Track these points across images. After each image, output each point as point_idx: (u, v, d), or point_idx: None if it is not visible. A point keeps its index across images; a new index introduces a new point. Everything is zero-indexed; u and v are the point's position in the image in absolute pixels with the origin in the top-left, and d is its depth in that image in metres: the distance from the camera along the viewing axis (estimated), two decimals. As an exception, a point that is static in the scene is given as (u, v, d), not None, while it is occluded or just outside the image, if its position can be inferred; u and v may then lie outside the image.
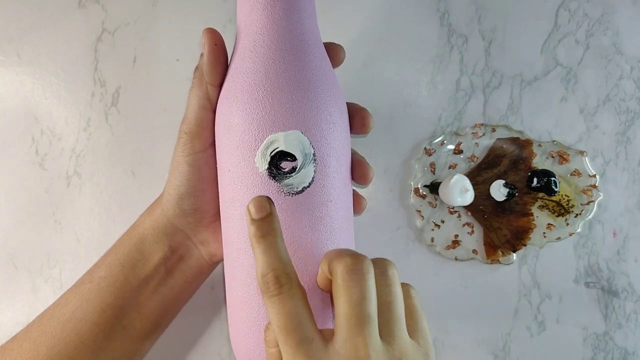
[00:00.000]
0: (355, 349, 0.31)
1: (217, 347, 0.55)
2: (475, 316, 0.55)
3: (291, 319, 0.33)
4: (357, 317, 0.32)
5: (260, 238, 0.34)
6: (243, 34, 0.38)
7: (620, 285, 0.56)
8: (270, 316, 0.33)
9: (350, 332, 0.32)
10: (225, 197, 0.38)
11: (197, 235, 0.43)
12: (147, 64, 0.56)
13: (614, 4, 0.57)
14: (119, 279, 0.43)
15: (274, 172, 0.36)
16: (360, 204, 0.44)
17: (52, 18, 0.56)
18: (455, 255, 0.55)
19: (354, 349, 0.31)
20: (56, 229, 0.56)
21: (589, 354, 0.55)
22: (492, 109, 0.56)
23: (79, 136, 0.56)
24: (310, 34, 0.38)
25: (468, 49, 0.57)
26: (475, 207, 0.55)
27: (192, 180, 0.41)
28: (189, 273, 0.44)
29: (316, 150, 0.37)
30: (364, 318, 0.32)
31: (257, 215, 0.35)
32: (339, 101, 0.39)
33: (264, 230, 0.35)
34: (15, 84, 0.56)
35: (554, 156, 0.55)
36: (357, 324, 0.32)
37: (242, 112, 0.36)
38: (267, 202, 0.35)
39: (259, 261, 0.34)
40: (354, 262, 0.32)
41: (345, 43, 0.43)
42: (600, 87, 0.57)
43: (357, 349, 0.31)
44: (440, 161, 0.55)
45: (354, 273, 0.32)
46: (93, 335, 0.42)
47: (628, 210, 0.56)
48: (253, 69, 0.37)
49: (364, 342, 0.31)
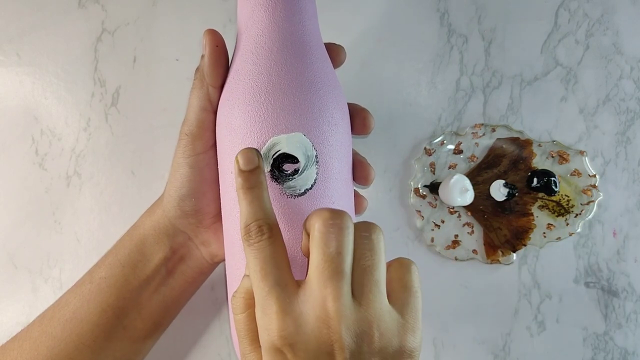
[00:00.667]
0: (323, 300, 0.31)
1: (217, 347, 0.55)
2: (475, 316, 0.55)
3: (268, 263, 0.33)
4: (329, 271, 0.32)
5: (247, 189, 0.35)
6: (244, 35, 0.38)
7: (620, 285, 0.56)
8: (248, 262, 0.34)
9: (321, 282, 0.32)
10: (227, 199, 0.38)
11: (198, 236, 0.43)
12: (147, 64, 0.56)
13: (614, 4, 0.57)
14: (120, 280, 0.43)
15: (277, 174, 0.37)
16: (361, 204, 0.44)
17: (52, 18, 0.56)
18: (455, 255, 0.55)
19: (322, 299, 0.32)
20: (56, 229, 0.56)
21: (589, 354, 0.55)
22: (492, 109, 0.56)
23: (79, 136, 0.56)
24: (312, 35, 0.38)
25: (468, 49, 0.57)
26: (475, 207, 0.55)
27: (193, 181, 0.41)
28: (190, 273, 0.45)
29: (318, 152, 0.37)
30: (337, 272, 0.32)
31: (246, 167, 0.35)
32: (340, 102, 0.39)
33: (251, 182, 0.35)
34: (15, 84, 0.56)
35: (554, 156, 0.55)
36: (328, 276, 0.32)
37: (244, 114, 0.36)
38: (256, 156, 0.36)
39: (244, 211, 0.35)
40: (332, 216, 0.32)
41: (345, 43, 0.43)
42: (600, 87, 0.57)
43: (324, 299, 0.31)
44: (440, 161, 0.55)
45: (332, 226, 0.32)
46: (94, 336, 0.42)
47: (628, 210, 0.56)
48: (255, 71, 0.37)
49: (332, 295, 0.31)
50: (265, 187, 0.36)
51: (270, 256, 0.34)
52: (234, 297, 0.36)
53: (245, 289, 0.35)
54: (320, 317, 0.31)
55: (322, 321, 0.31)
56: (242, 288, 0.36)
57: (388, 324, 0.33)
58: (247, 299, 0.35)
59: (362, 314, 0.32)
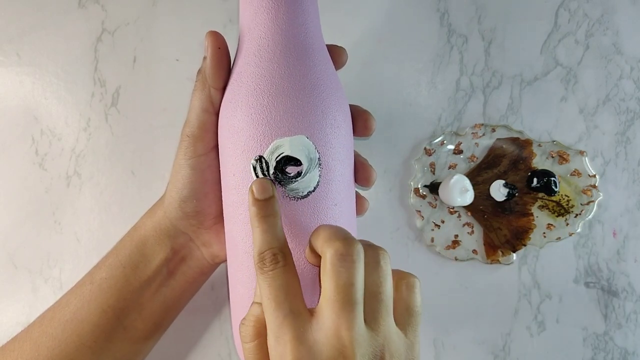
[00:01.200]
0: (337, 329, 0.32)
1: (217, 347, 0.55)
2: (475, 316, 0.56)
3: (282, 291, 0.34)
4: (341, 302, 0.32)
5: (262, 218, 0.36)
6: (246, 37, 0.38)
7: (620, 285, 0.56)
8: (261, 290, 0.34)
9: (334, 313, 0.32)
10: (230, 201, 0.38)
11: (200, 237, 0.43)
12: (147, 64, 0.56)
13: (614, 4, 0.57)
14: (121, 280, 0.43)
15: (279, 177, 0.36)
16: (362, 206, 0.44)
17: (52, 18, 0.56)
18: (455, 255, 0.55)
19: (336, 329, 0.32)
20: (56, 229, 0.56)
21: (589, 354, 0.55)
22: (492, 109, 0.56)
23: (79, 136, 0.56)
24: (314, 37, 0.38)
25: (468, 49, 0.57)
26: (475, 207, 0.55)
27: (195, 183, 0.41)
28: (191, 274, 0.45)
29: (321, 155, 0.37)
30: (350, 302, 0.32)
31: (260, 196, 0.36)
32: (343, 105, 0.39)
33: (266, 211, 0.36)
34: (15, 84, 0.56)
35: (553, 156, 0.55)
36: (342, 307, 0.32)
37: (247, 117, 0.36)
38: (270, 185, 0.36)
39: (258, 239, 0.36)
40: (344, 248, 0.33)
41: (345, 43, 0.43)
42: (600, 87, 0.57)
43: (339, 329, 0.32)
44: (440, 161, 0.55)
45: (344, 259, 0.33)
46: (94, 337, 0.42)
47: (628, 210, 0.56)
48: (258, 74, 0.37)
49: (347, 325, 0.32)
50: (279, 216, 0.36)
51: (285, 284, 0.34)
52: (243, 325, 0.36)
53: (255, 316, 0.36)
54: (335, 346, 0.32)
55: (337, 350, 0.32)
56: (251, 316, 0.36)
57: (397, 345, 0.34)
58: (257, 327, 0.35)
59: (374, 339, 0.33)
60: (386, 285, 0.34)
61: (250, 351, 0.35)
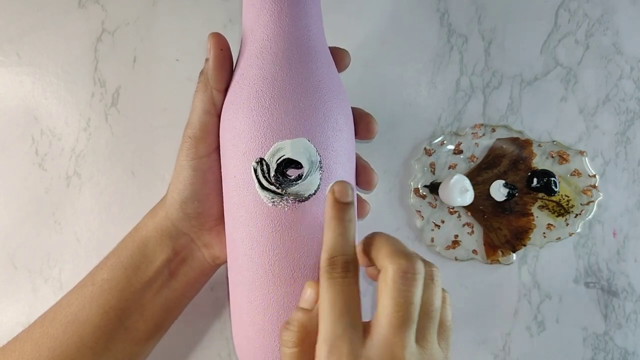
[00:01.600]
0: (392, 348, 0.32)
1: (217, 348, 0.55)
2: (475, 316, 0.56)
3: (347, 303, 0.33)
4: (400, 320, 0.32)
5: (340, 220, 0.35)
6: (249, 39, 0.38)
7: (620, 286, 0.56)
8: (325, 296, 0.34)
9: (391, 331, 0.32)
10: (231, 202, 0.38)
11: (201, 238, 0.43)
12: (147, 64, 0.56)
13: (614, 4, 0.57)
14: (122, 281, 0.43)
15: (280, 180, 0.36)
16: (363, 209, 0.44)
17: (52, 18, 0.56)
18: (455, 255, 0.55)
19: (391, 347, 0.32)
20: (56, 229, 0.56)
21: (589, 354, 0.55)
22: (492, 109, 0.56)
23: (79, 136, 0.56)
24: (317, 39, 0.38)
25: (468, 49, 0.57)
26: (475, 207, 0.55)
27: (196, 184, 0.40)
28: (192, 275, 0.44)
29: (322, 158, 0.37)
30: (407, 321, 0.32)
31: (342, 199, 0.35)
32: (345, 107, 0.39)
33: (344, 214, 0.35)
34: (15, 84, 0.56)
35: (553, 156, 0.55)
36: (399, 325, 0.32)
37: (249, 119, 0.36)
38: (352, 190, 0.36)
39: (331, 242, 0.35)
40: (407, 265, 0.33)
41: (345, 44, 0.43)
42: (600, 87, 0.57)
43: (393, 348, 0.32)
44: (440, 161, 0.55)
45: (407, 278, 0.33)
46: (95, 337, 0.42)
47: (628, 210, 0.56)
48: (260, 76, 0.37)
49: (402, 344, 0.32)
50: (355, 225, 0.36)
51: (352, 295, 0.34)
52: (287, 330, 0.35)
53: (300, 323, 0.35)
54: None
55: None
56: (296, 321, 0.35)
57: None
58: (302, 333, 0.34)
59: (422, 356, 0.33)
60: (438, 303, 0.35)
61: (291, 357, 0.35)
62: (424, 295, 0.34)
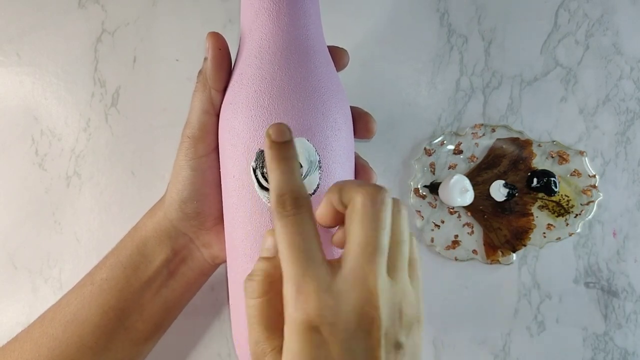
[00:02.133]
0: (365, 277, 0.31)
1: (217, 347, 0.55)
2: (475, 316, 0.56)
3: (305, 240, 0.32)
4: (372, 247, 0.31)
5: (280, 159, 0.34)
6: (247, 39, 0.38)
7: (620, 286, 0.56)
8: (280, 237, 0.32)
9: (363, 259, 0.31)
10: (229, 202, 0.38)
11: (200, 238, 0.43)
12: (147, 64, 0.56)
13: (614, 4, 0.57)
14: (121, 281, 0.43)
15: None
16: None
17: (52, 18, 0.56)
18: (455, 255, 0.55)
19: (363, 277, 0.31)
20: (56, 229, 0.56)
21: (589, 354, 0.55)
22: (491, 109, 0.56)
23: (79, 136, 0.56)
24: (316, 39, 0.38)
25: (468, 49, 0.57)
26: (475, 207, 0.55)
27: (195, 184, 0.40)
28: (191, 275, 0.44)
29: (321, 158, 0.37)
30: (379, 249, 0.31)
31: (279, 138, 0.34)
32: (343, 107, 0.39)
33: (284, 153, 0.34)
34: (15, 84, 0.56)
35: (553, 156, 0.55)
36: (371, 252, 0.31)
37: (248, 119, 0.36)
38: (288, 130, 0.34)
39: (277, 181, 0.33)
40: (376, 191, 0.32)
41: (345, 43, 0.43)
42: (600, 87, 0.57)
43: (366, 277, 0.31)
44: (440, 161, 0.55)
45: (376, 203, 0.31)
46: (95, 337, 0.42)
47: (628, 210, 0.56)
48: (258, 76, 0.37)
49: (374, 272, 0.31)
50: (298, 162, 0.34)
51: (308, 230, 0.32)
52: (249, 280, 0.34)
53: (263, 271, 0.33)
54: (361, 294, 0.31)
55: (363, 299, 0.31)
56: (259, 270, 0.33)
57: (410, 297, 0.33)
58: (266, 282, 0.33)
59: (395, 288, 0.32)
60: (407, 234, 0.34)
61: (256, 308, 0.33)
62: (393, 225, 0.33)
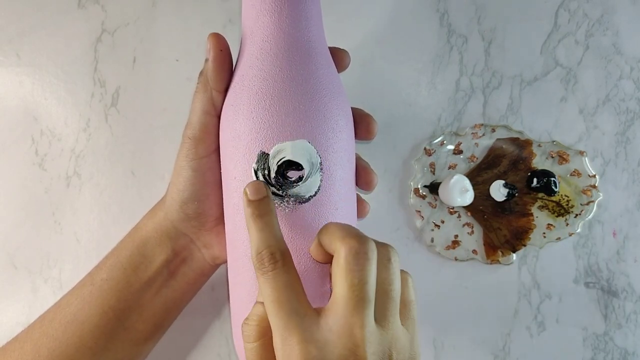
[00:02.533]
0: (350, 328, 0.32)
1: (217, 348, 0.55)
2: (475, 316, 0.56)
3: (284, 292, 0.33)
4: (355, 300, 0.32)
5: (257, 217, 0.35)
6: (249, 40, 0.38)
7: (620, 286, 0.56)
8: (263, 292, 0.34)
9: (348, 311, 0.32)
10: (230, 203, 0.38)
11: (201, 238, 0.43)
12: (146, 64, 0.56)
13: (614, 4, 0.57)
14: (121, 281, 0.43)
15: (281, 181, 0.36)
16: (363, 209, 0.44)
17: (52, 18, 0.56)
18: (455, 255, 0.55)
19: (349, 328, 0.32)
20: (56, 230, 0.56)
21: (589, 354, 0.55)
22: (491, 109, 0.56)
23: (79, 137, 0.56)
24: (317, 40, 0.38)
25: (468, 50, 0.57)
26: (475, 208, 0.55)
27: (196, 185, 0.40)
28: (191, 275, 0.44)
29: (323, 159, 0.37)
30: (363, 300, 0.32)
31: (254, 197, 0.35)
32: (345, 108, 0.39)
33: (261, 210, 0.35)
34: (15, 84, 0.56)
35: (553, 156, 0.55)
36: (355, 306, 0.32)
37: (249, 121, 0.36)
38: (264, 187, 0.36)
39: (255, 239, 0.35)
40: (359, 245, 0.33)
41: (344, 44, 0.43)
42: (599, 88, 0.57)
43: (351, 328, 0.32)
44: (440, 161, 0.55)
45: (359, 257, 0.32)
46: (95, 338, 0.42)
47: (628, 210, 0.56)
48: (260, 77, 0.36)
49: (360, 323, 0.32)
50: (275, 215, 0.36)
51: (286, 284, 0.34)
52: (246, 325, 0.35)
53: (258, 316, 0.35)
54: (347, 345, 0.32)
55: (349, 349, 0.32)
56: (254, 315, 0.35)
57: (402, 341, 0.34)
58: (262, 326, 0.35)
59: (384, 337, 0.33)
60: (396, 283, 0.35)
61: (253, 351, 0.35)
62: (380, 276, 0.34)
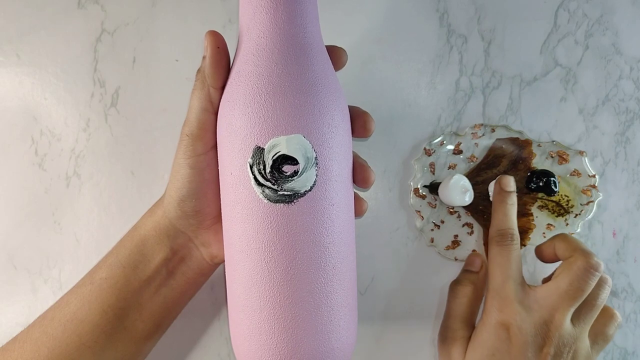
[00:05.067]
0: (554, 308, 0.44)
1: (217, 348, 0.55)
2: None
3: (512, 262, 0.47)
4: (570, 296, 0.44)
5: (504, 204, 0.49)
6: (245, 37, 0.38)
7: (620, 286, 0.56)
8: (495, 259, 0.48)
9: (559, 297, 0.44)
10: (227, 200, 0.38)
11: (199, 236, 0.43)
12: (146, 64, 0.56)
13: (614, 5, 0.57)
14: (120, 280, 0.43)
15: (276, 176, 0.36)
16: (361, 207, 0.44)
17: (52, 18, 0.56)
18: (455, 255, 0.55)
19: (553, 308, 0.44)
20: (56, 230, 0.56)
21: (589, 354, 0.55)
22: (491, 109, 0.56)
23: (79, 137, 0.56)
24: (313, 37, 0.38)
25: (467, 50, 0.57)
26: (475, 207, 0.55)
27: (194, 182, 0.40)
28: (190, 274, 0.44)
29: (318, 154, 0.37)
30: (574, 300, 0.44)
31: (508, 188, 0.50)
32: (341, 105, 0.39)
33: (511, 200, 0.50)
34: (15, 84, 0.56)
35: (553, 156, 0.55)
36: (567, 298, 0.44)
37: (244, 116, 0.36)
38: (512, 181, 0.50)
39: (500, 219, 0.49)
40: (595, 264, 0.45)
41: (344, 43, 0.43)
42: (599, 88, 0.57)
43: (555, 309, 0.44)
44: (440, 161, 0.55)
45: (590, 273, 0.44)
46: (94, 337, 0.42)
47: (627, 210, 0.56)
48: (255, 73, 0.37)
49: (562, 311, 0.44)
50: (516, 207, 0.50)
51: (514, 258, 0.47)
52: (461, 285, 0.51)
53: (470, 280, 0.51)
54: (545, 318, 0.45)
55: (545, 322, 0.45)
56: (467, 280, 0.51)
57: (582, 351, 0.45)
58: (470, 288, 0.50)
59: (572, 332, 0.45)
60: (603, 302, 0.46)
61: (461, 305, 0.50)
62: (595, 290, 0.45)
